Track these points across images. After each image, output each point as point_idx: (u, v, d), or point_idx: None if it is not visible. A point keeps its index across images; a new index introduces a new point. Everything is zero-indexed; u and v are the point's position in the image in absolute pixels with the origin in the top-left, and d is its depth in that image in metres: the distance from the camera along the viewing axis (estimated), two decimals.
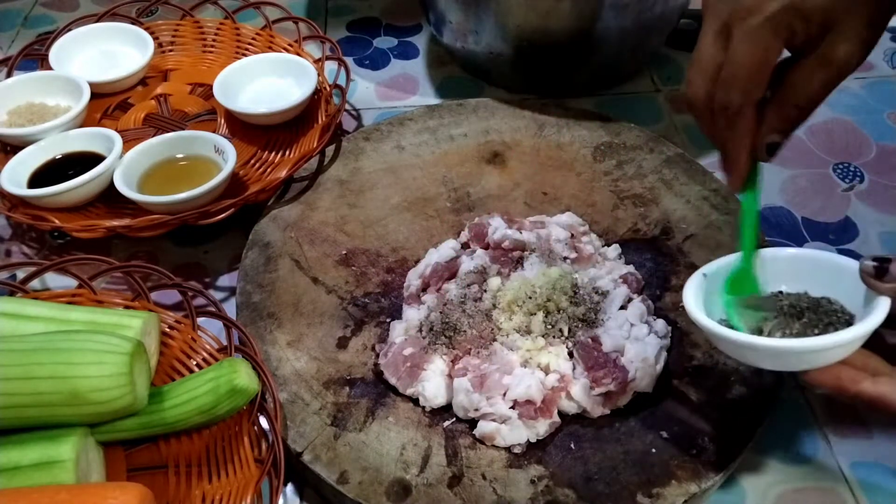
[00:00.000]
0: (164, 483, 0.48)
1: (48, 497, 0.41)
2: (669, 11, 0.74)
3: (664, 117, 0.79)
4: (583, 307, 0.53)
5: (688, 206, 0.64)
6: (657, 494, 0.46)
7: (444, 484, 0.47)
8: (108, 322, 0.50)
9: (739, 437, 0.48)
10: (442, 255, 0.58)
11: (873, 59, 0.86)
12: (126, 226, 0.59)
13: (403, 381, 0.51)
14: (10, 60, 0.75)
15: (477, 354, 0.52)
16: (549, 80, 0.80)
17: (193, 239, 0.67)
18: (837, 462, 0.52)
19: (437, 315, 0.54)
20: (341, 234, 0.63)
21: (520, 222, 0.61)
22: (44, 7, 0.96)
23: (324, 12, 0.94)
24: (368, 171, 0.68)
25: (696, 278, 0.47)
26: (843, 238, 0.67)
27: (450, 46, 0.81)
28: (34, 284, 0.57)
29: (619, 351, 0.51)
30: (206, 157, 0.66)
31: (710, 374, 0.52)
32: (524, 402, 0.49)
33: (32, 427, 0.45)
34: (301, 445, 0.49)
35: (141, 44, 0.77)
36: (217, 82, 0.71)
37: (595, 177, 0.67)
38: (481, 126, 0.72)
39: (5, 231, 0.68)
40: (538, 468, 0.48)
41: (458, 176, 0.68)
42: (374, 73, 0.86)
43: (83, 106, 0.69)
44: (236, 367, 0.47)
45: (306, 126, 0.71)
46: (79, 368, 0.44)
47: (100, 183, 0.62)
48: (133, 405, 0.46)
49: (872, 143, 0.76)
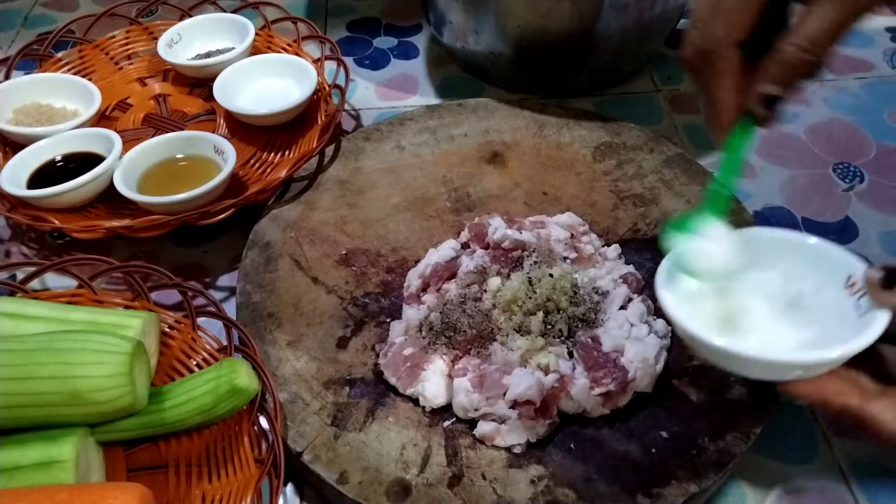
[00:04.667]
0: (164, 483, 0.48)
1: (48, 497, 0.41)
2: (669, 11, 0.74)
3: (664, 117, 0.79)
4: (583, 307, 0.53)
5: (688, 206, 0.64)
6: (657, 494, 0.46)
7: (444, 484, 0.47)
8: (108, 322, 0.50)
9: (739, 437, 0.48)
10: (442, 255, 0.58)
11: (873, 58, 0.86)
12: (126, 226, 0.59)
13: (403, 381, 0.51)
14: (9, 60, 0.75)
15: (477, 354, 0.52)
16: (549, 80, 0.80)
17: (193, 239, 0.67)
18: (837, 462, 0.52)
19: (437, 315, 0.54)
20: (341, 234, 0.63)
21: (520, 222, 0.61)
22: (44, 7, 0.96)
23: (324, 12, 0.94)
24: (368, 171, 0.68)
25: (663, 267, 0.44)
26: (844, 238, 0.67)
27: (450, 46, 0.81)
28: (34, 284, 0.57)
29: (619, 351, 0.51)
30: (205, 158, 0.66)
31: (710, 374, 0.52)
32: (524, 402, 0.49)
33: (32, 427, 0.45)
34: (301, 445, 0.49)
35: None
36: (217, 82, 0.71)
37: (595, 177, 0.67)
38: (481, 126, 0.72)
39: (5, 231, 0.68)
40: (538, 468, 0.48)
41: (458, 176, 0.68)
42: (374, 73, 0.86)
43: (95, 110, 0.69)
44: (236, 367, 0.47)
45: (306, 126, 0.71)
46: (79, 368, 0.44)
47: (100, 183, 0.62)
48: (133, 405, 0.46)
49: (872, 143, 0.76)
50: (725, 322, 0.44)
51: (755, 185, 0.71)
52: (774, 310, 0.44)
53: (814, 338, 0.42)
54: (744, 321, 0.44)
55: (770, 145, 0.75)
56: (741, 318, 0.44)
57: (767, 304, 0.45)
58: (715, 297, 0.45)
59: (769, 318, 0.44)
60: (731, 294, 0.45)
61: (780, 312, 0.44)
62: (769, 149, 0.75)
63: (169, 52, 0.76)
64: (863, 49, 0.87)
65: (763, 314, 0.44)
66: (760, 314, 0.44)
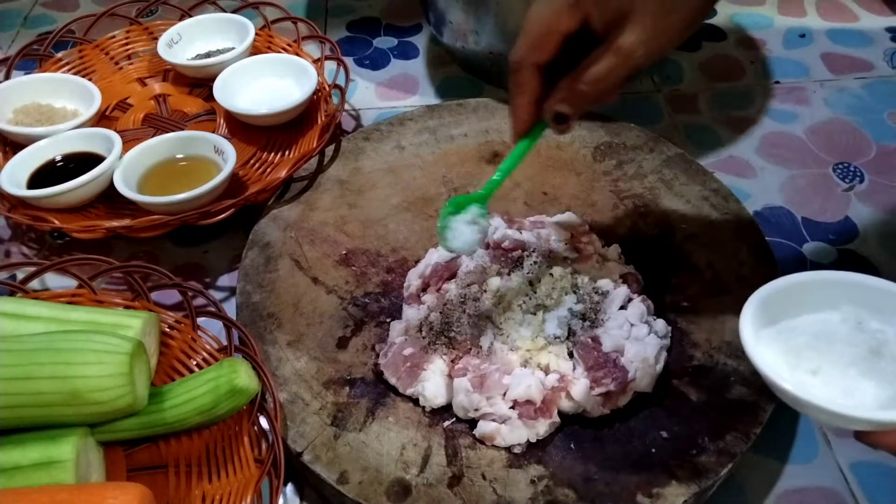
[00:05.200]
0: (164, 483, 0.48)
1: (48, 497, 0.41)
2: None
3: (664, 117, 0.79)
4: (583, 307, 0.53)
5: (688, 206, 0.63)
6: (657, 494, 0.46)
7: (444, 484, 0.47)
8: (108, 322, 0.50)
9: (739, 437, 0.48)
10: (442, 255, 0.58)
11: (873, 58, 0.86)
12: (126, 226, 0.59)
13: (403, 381, 0.51)
14: (9, 60, 0.75)
15: (477, 354, 0.52)
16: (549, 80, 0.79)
17: (193, 239, 0.67)
18: (837, 462, 0.52)
19: (437, 315, 0.54)
20: (341, 234, 0.63)
21: (520, 222, 0.61)
22: (44, 7, 0.96)
23: (324, 12, 0.94)
24: (368, 171, 0.68)
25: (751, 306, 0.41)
26: (843, 238, 0.67)
27: (450, 46, 0.81)
28: (34, 284, 0.57)
29: (619, 351, 0.51)
30: (205, 158, 0.66)
31: (710, 374, 0.52)
32: (524, 402, 0.49)
33: (32, 427, 0.45)
34: (301, 445, 0.49)
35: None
36: (217, 82, 0.71)
37: (595, 177, 0.67)
38: (481, 126, 0.72)
39: (5, 231, 0.68)
40: (538, 468, 0.48)
41: (458, 176, 0.68)
42: (373, 73, 0.86)
43: (95, 110, 0.69)
44: (236, 367, 0.47)
45: (306, 126, 0.71)
46: (79, 368, 0.44)
47: (100, 183, 0.62)
48: (133, 405, 0.46)
49: (872, 143, 0.76)
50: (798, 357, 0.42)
51: (755, 185, 0.71)
52: (855, 356, 0.41)
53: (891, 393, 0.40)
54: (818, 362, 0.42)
55: (770, 145, 0.75)
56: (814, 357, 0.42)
57: (847, 348, 0.42)
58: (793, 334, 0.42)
59: (848, 366, 0.43)
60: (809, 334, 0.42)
61: (861, 359, 0.41)
62: (769, 149, 0.75)
63: (169, 52, 0.76)
64: (863, 49, 0.87)
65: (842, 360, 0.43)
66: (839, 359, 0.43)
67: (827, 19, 0.92)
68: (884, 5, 0.94)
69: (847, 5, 0.94)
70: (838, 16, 0.92)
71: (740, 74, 0.84)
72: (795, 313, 0.42)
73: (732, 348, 0.53)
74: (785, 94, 0.81)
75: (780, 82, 0.83)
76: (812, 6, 0.94)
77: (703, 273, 0.59)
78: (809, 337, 0.41)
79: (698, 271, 0.59)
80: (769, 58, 0.86)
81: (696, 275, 0.59)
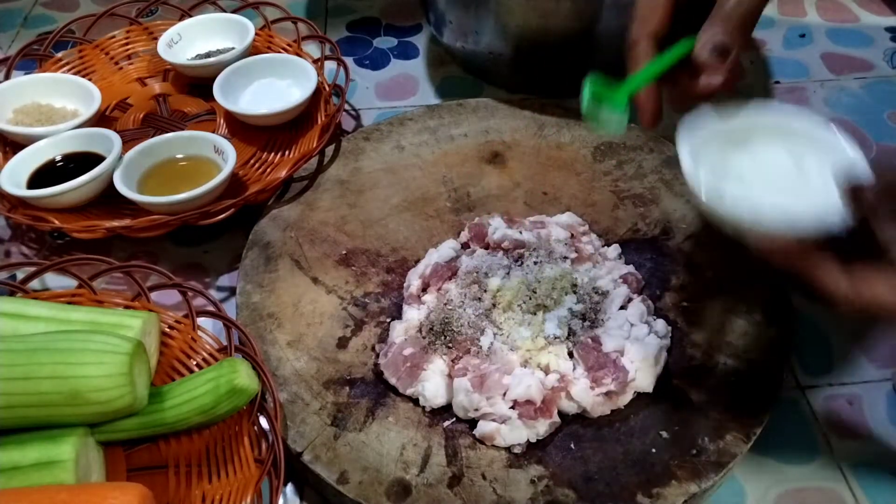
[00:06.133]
0: (164, 483, 0.48)
1: (48, 497, 0.41)
2: None
3: (664, 117, 0.79)
4: (583, 307, 0.53)
5: (688, 206, 0.64)
6: (657, 494, 0.46)
7: (444, 484, 0.47)
8: (108, 322, 0.50)
9: (739, 437, 0.48)
10: (442, 255, 0.58)
11: (873, 58, 0.86)
12: (126, 226, 0.59)
13: (403, 381, 0.51)
14: (9, 60, 0.75)
15: (477, 354, 0.52)
16: (549, 80, 0.80)
17: (193, 239, 0.67)
18: (837, 462, 0.52)
19: (437, 315, 0.54)
20: (341, 234, 0.63)
21: (520, 222, 0.61)
22: (44, 7, 0.96)
23: (324, 12, 0.94)
24: (368, 171, 0.68)
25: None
26: None
27: (450, 46, 0.81)
28: (34, 284, 0.57)
29: (619, 351, 0.51)
30: (206, 158, 0.66)
31: (710, 374, 0.52)
32: (524, 402, 0.49)
33: (32, 427, 0.45)
34: (301, 445, 0.49)
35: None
36: (217, 82, 0.71)
37: (595, 177, 0.67)
38: (481, 126, 0.72)
39: (5, 231, 0.68)
40: (538, 468, 0.48)
41: (458, 176, 0.68)
42: (373, 73, 0.86)
43: (95, 110, 0.69)
44: (236, 367, 0.47)
45: (306, 126, 0.71)
46: (79, 368, 0.44)
47: (100, 183, 0.62)
48: (133, 405, 0.46)
49: (872, 143, 0.76)
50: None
51: None
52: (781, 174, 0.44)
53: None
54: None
55: None
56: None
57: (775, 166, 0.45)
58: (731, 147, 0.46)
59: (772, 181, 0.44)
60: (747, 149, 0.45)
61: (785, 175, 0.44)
62: None
63: (169, 52, 0.76)
64: (863, 49, 0.87)
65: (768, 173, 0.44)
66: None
67: (827, 19, 0.92)
68: (884, 5, 0.94)
69: (847, 5, 0.94)
70: (838, 16, 0.92)
71: (740, 74, 0.84)
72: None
73: (732, 348, 0.53)
74: (785, 94, 0.81)
75: (780, 82, 0.83)
76: (812, 6, 0.94)
77: (703, 273, 0.59)
78: (747, 158, 0.45)
79: (698, 271, 0.59)
80: (769, 58, 0.86)
81: (696, 275, 0.59)
